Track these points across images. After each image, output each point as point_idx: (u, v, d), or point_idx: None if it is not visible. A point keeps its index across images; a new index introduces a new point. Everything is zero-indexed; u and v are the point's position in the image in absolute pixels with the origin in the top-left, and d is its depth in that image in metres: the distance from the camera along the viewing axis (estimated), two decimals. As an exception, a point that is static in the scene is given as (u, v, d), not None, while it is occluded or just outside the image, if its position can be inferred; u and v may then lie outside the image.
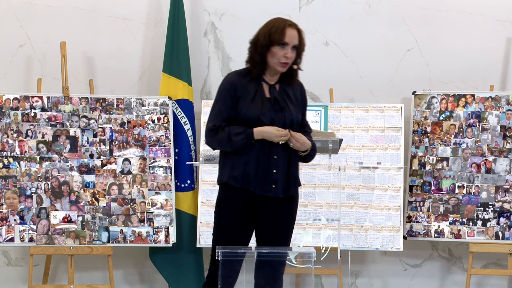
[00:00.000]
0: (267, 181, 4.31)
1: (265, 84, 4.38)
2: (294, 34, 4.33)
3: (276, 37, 4.28)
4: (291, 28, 4.32)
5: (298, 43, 4.34)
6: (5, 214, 5.67)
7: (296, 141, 4.29)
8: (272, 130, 4.25)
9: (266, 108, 4.31)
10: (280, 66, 4.32)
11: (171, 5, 5.96)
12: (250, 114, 4.28)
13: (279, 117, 4.32)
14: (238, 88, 4.32)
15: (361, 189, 5.91)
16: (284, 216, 4.40)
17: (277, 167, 4.32)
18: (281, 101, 4.36)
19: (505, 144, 5.91)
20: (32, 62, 6.12)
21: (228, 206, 4.35)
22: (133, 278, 6.24)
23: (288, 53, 4.31)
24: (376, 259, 6.29)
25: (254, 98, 4.32)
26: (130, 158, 5.80)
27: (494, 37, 6.23)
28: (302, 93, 4.49)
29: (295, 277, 6.10)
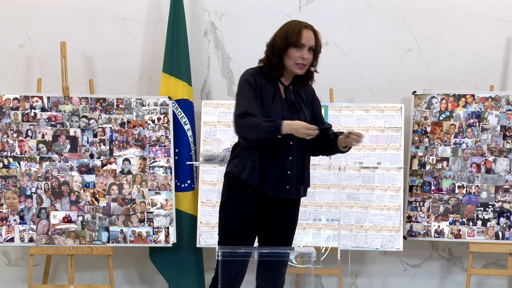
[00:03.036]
0: (281, 183, 4.32)
1: (281, 85, 4.39)
2: (310, 36, 4.33)
3: (293, 38, 4.29)
4: (308, 30, 4.33)
5: (315, 44, 4.35)
6: (5, 214, 5.67)
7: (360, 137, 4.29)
8: (302, 123, 4.22)
9: (285, 110, 4.34)
10: (298, 68, 4.33)
11: (171, 5, 5.96)
12: (272, 115, 4.28)
13: (295, 119, 4.32)
14: (259, 86, 4.32)
15: (361, 189, 5.91)
16: (291, 217, 4.44)
17: (292, 168, 4.33)
18: (296, 102, 4.38)
19: (505, 144, 5.91)
20: (32, 62, 6.12)
21: (239, 204, 4.34)
22: (133, 278, 6.24)
23: (305, 55, 4.31)
24: (376, 259, 6.29)
25: (274, 99, 4.33)
26: (130, 158, 5.80)
27: (494, 37, 6.23)
28: (313, 93, 4.52)
29: (295, 277, 6.10)
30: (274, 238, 4.41)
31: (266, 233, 4.42)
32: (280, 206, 4.38)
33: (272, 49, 4.33)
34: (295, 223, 4.47)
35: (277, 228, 4.40)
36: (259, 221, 4.37)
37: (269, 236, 4.42)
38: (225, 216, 4.38)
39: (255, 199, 4.32)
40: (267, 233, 4.41)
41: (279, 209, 4.38)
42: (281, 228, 4.41)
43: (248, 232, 4.36)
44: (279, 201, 4.36)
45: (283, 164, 4.31)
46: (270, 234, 4.41)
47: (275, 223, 4.40)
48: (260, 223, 4.38)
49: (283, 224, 4.41)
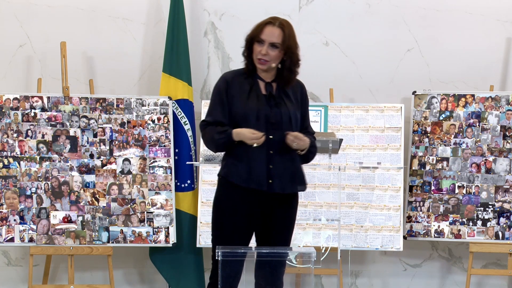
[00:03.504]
0: (263, 177, 4.31)
1: (261, 81, 4.38)
2: (273, 32, 4.31)
3: (254, 33, 4.33)
4: (272, 26, 4.32)
5: (281, 42, 4.31)
6: (5, 214, 5.67)
7: (300, 139, 4.29)
8: (246, 132, 4.26)
9: (261, 104, 4.32)
10: (258, 63, 4.34)
11: (171, 5, 5.96)
12: (246, 110, 4.30)
13: (275, 112, 4.32)
14: (232, 86, 4.35)
15: (361, 189, 5.91)
16: (287, 216, 4.41)
17: (274, 163, 4.31)
18: (277, 97, 4.35)
19: (505, 144, 5.91)
20: (32, 62, 6.12)
21: (229, 205, 4.35)
22: (133, 278, 6.24)
23: (264, 50, 4.30)
24: (376, 259, 6.29)
25: (250, 95, 4.34)
26: (130, 158, 5.80)
27: (494, 37, 6.23)
28: (303, 93, 4.49)
29: (295, 277, 6.10)
30: (271, 237, 4.40)
31: (263, 233, 4.41)
32: (275, 204, 4.36)
33: (246, 41, 4.38)
34: (292, 222, 4.45)
35: (273, 227, 4.39)
36: (253, 220, 4.36)
37: (265, 235, 4.41)
38: (216, 217, 4.40)
39: (245, 198, 4.32)
40: (264, 232, 4.41)
41: (275, 207, 4.37)
42: (277, 227, 4.39)
43: (240, 232, 4.35)
44: (274, 199, 4.35)
45: (263, 159, 4.30)
46: (267, 233, 4.41)
47: (271, 222, 4.38)
48: (254, 223, 4.37)
49: (280, 222, 4.39)
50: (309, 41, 6.25)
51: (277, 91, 4.38)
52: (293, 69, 4.38)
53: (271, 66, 4.34)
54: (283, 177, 4.34)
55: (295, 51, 4.37)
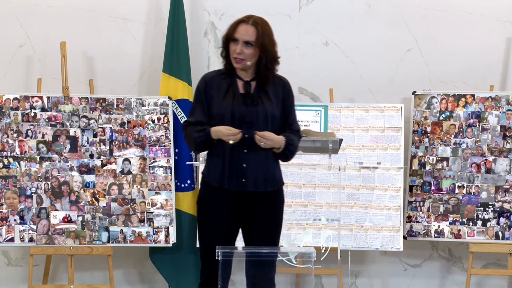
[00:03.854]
0: (237, 176, 4.32)
1: (239, 80, 4.39)
2: (246, 30, 4.32)
3: (229, 32, 4.35)
4: (245, 24, 4.33)
5: (255, 39, 4.31)
6: (5, 214, 5.67)
7: (266, 139, 4.28)
8: (222, 129, 4.28)
9: (237, 103, 4.33)
10: (234, 62, 4.35)
11: (171, 5, 5.96)
12: (221, 110, 4.32)
13: (250, 111, 4.32)
14: (210, 86, 4.37)
15: (361, 189, 5.91)
16: (264, 213, 4.38)
17: (248, 161, 4.32)
18: (255, 96, 4.35)
19: (505, 144, 5.91)
20: (32, 62, 6.12)
21: (207, 205, 4.38)
22: (133, 278, 6.24)
23: (238, 49, 4.30)
24: (376, 259, 6.29)
25: (227, 94, 4.35)
26: (130, 158, 5.80)
27: (494, 37, 6.23)
28: (285, 90, 4.44)
29: (295, 277, 6.11)
30: (255, 237, 4.39)
31: (247, 232, 4.41)
32: (255, 203, 4.36)
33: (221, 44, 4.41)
34: (276, 220, 4.43)
35: (255, 226, 4.38)
36: (234, 219, 4.36)
37: (249, 234, 4.41)
38: (199, 217, 4.43)
39: (223, 198, 4.34)
40: (248, 231, 4.41)
41: (255, 206, 4.36)
42: (260, 226, 4.38)
43: (222, 231, 4.35)
44: (253, 198, 4.34)
45: (238, 158, 4.31)
46: (251, 233, 4.40)
47: (253, 221, 4.38)
48: (236, 222, 4.38)
49: (262, 221, 4.38)
50: (309, 41, 6.25)
51: (256, 90, 4.38)
52: (269, 66, 4.36)
53: (247, 65, 4.34)
54: (257, 175, 4.33)
55: (271, 49, 4.35)
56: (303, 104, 6.01)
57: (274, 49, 4.37)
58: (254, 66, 4.36)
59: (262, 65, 4.34)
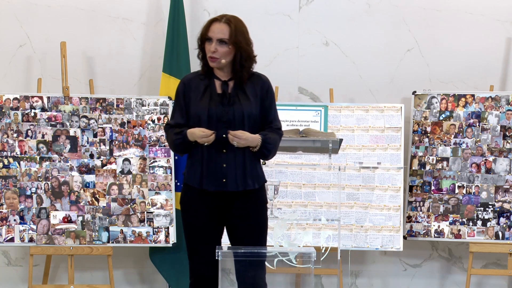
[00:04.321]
0: (217, 177, 4.32)
1: (217, 80, 4.38)
2: (220, 28, 4.32)
3: (202, 32, 4.35)
4: (218, 22, 4.33)
5: (228, 37, 4.30)
6: (5, 214, 5.67)
7: (239, 138, 4.28)
8: (196, 131, 4.29)
9: (214, 104, 4.32)
10: (209, 61, 4.34)
11: (171, 5, 5.96)
12: (198, 111, 4.32)
13: (227, 111, 4.31)
14: (189, 88, 4.38)
15: (361, 189, 5.91)
16: (246, 212, 4.37)
17: (227, 161, 4.31)
18: (233, 96, 4.35)
19: (505, 144, 5.91)
20: (32, 62, 6.12)
21: (188, 206, 4.40)
22: (133, 278, 6.24)
23: (212, 47, 4.30)
24: (376, 259, 6.29)
25: (204, 94, 4.35)
26: (130, 158, 5.80)
27: (494, 37, 6.23)
28: (263, 88, 4.41)
29: (295, 277, 6.11)
30: (239, 237, 4.38)
31: (231, 232, 4.41)
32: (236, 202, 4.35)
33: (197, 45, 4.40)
34: (260, 220, 4.41)
35: (239, 226, 4.37)
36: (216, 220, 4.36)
37: (234, 235, 4.40)
38: (183, 218, 4.45)
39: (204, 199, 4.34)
40: (232, 232, 4.40)
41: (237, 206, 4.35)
42: (244, 226, 4.37)
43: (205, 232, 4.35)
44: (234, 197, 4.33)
45: (217, 158, 4.31)
46: (235, 233, 4.39)
47: (236, 221, 4.37)
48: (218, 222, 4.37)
49: (246, 221, 4.37)
50: (309, 41, 6.25)
51: (233, 89, 4.37)
52: (244, 64, 4.34)
53: (222, 63, 4.32)
54: (237, 174, 4.33)
55: (245, 46, 4.33)
56: (303, 104, 6.02)
57: (249, 47, 4.36)
58: (231, 65, 4.35)
59: (237, 63, 4.33)
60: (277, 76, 6.16)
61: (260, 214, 4.42)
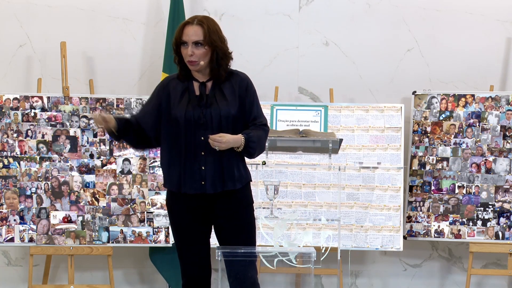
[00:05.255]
0: (196, 179, 4.28)
1: (195, 82, 4.35)
2: (193, 31, 4.26)
3: (176, 37, 4.30)
4: (190, 25, 4.28)
5: (203, 38, 4.26)
6: (5, 214, 5.67)
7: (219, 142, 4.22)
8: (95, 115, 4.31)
9: (191, 107, 4.29)
10: (189, 65, 4.31)
11: (171, 5, 5.96)
12: (176, 113, 4.28)
13: (204, 113, 4.28)
14: (166, 90, 4.34)
15: (361, 189, 5.91)
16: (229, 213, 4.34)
17: (205, 163, 4.28)
18: (211, 97, 4.31)
19: (505, 144, 5.91)
20: (32, 62, 6.12)
21: (173, 209, 4.37)
22: (133, 278, 6.24)
23: (189, 51, 4.27)
24: (376, 259, 6.29)
25: (182, 97, 4.32)
26: (130, 158, 5.80)
27: (494, 37, 6.23)
28: (242, 86, 4.36)
29: (295, 277, 6.11)
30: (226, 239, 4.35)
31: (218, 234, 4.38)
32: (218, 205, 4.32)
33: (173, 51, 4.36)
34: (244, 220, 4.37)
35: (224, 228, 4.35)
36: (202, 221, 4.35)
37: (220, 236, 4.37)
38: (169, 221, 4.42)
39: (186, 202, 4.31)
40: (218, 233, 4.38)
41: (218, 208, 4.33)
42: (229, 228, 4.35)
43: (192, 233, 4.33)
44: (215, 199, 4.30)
45: (194, 161, 4.27)
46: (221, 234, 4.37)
47: (220, 222, 4.35)
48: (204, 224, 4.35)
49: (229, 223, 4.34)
50: (309, 41, 6.25)
51: (211, 90, 4.34)
52: (221, 63, 4.31)
53: (201, 65, 4.28)
54: (215, 176, 4.29)
55: (220, 45, 4.30)
56: (303, 104, 6.02)
57: (223, 45, 4.32)
58: (209, 66, 4.32)
59: (213, 62, 4.30)
60: (277, 76, 6.17)
61: (244, 214, 4.37)
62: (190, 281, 4.36)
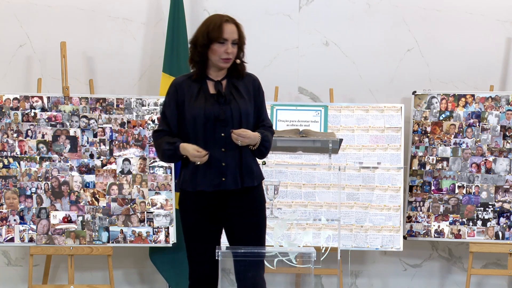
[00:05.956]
0: (216, 176, 4.30)
1: (210, 81, 4.38)
2: (232, 29, 4.34)
3: (215, 34, 4.31)
4: (229, 23, 4.34)
5: (238, 37, 4.34)
6: (5, 214, 5.67)
7: (243, 137, 4.27)
8: (190, 149, 4.26)
9: (210, 104, 4.32)
10: (223, 63, 4.33)
11: (171, 5, 5.96)
12: (194, 112, 4.30)
13: (224, 110, 4.31)
14: (181, 90, 4.35)
15: (361, 189, 5.91)
16: (245, 210, 4.36)
17: (226, 160, 4.30)
18: (228, 94, 4.35)
19: (505, 144, 5.91)
20: (32, 62, 6.12)
21: (186, 210, 4.38)
22: (133, 278, 6.24)
23: (229, 49, 4.31)
24: (376, 259, 6.29)
25: (198, 96, 4.33)
26: (130, 158, 5.80)
27: (494, 37, 6.23)
28: (255, 86, 4.44)
29: (295, 277, 6.11)
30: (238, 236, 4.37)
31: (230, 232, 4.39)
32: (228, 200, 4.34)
33: (195, 46, 4.36)
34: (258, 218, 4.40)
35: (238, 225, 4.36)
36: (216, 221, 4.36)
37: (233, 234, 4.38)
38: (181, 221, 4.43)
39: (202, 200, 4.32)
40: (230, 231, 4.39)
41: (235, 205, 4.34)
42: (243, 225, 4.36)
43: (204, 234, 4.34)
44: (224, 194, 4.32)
45: (216, 157, 4.30)
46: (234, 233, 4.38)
47: (235, 220, 4.36)
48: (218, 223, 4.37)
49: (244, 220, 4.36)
50: (309, 41, 6.25)
51: (227, 88, 4.37)
52: (244, 61, 4.40)
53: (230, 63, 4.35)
54: (235, 173, 4.32)
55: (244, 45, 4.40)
56: (303, 104, 6.02)
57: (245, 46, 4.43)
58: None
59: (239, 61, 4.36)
60: (277, 76, 6.17)
61: (259, 212, 4.41)
62: (198, 282, 4.36)
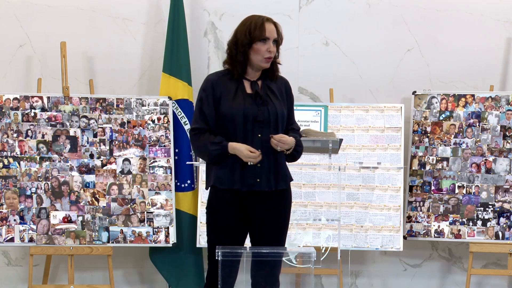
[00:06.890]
0: (251, 176, 4.31)
1: (246, 81, 4.39)
2: (273, 28, 4.37)
3: (257, 33, 4.33)
4: (269, 23, 4.38)
5: (277, 37, 4.38)
6: (5, 214, 5.67)
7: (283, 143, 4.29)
8: (243, 150, 4.26)
9: (248, 103, 4.32)
10: (265, 62, 4.35)
11: (171, 5, 5.96)
12: (233, 111, 4.30)
13: (262, 111, 4.32)
14: (218, 87, 4.36)
15: (361, 189, 5.91)
16: (275, 212, 4.38)
17: (262, 161, 4.31)
18: (264, 95, 4.36)
19: (505, 144, 5.91)
20: (32, 62, 6.12)
21: (217, 208, 4.36)
22: (133, 278, 6.24)
23: (271, 47, 4.33)
24: (376, 259, 6.29)
25: (236, 95, 4.34)
26: (130, 158, 5.80)
27: (494, 37, 6.23)
28: (287, 89, 4.48)
29: (295, 277, 6.11)
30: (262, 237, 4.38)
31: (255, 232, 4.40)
32: (260, 201, 4.35)
33: (236, 46, 4.36)
34: (284, 220, 4.42)
35: (264, 226, 4.37)
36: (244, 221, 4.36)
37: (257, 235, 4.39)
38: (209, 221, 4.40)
39: (235, 200, 4.32)
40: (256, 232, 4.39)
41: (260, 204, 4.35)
42: (269, 226, 4.37)
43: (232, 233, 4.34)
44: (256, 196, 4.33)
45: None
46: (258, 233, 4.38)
47: (263, 221, 4.37)
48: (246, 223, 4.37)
49: (267, 220, 4.37)
50: (309, 41, 6.25)
51: (263, 89, 4.38)
52: (279, 62, 4.44)
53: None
54: (270, 175, 4.34)
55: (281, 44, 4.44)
56: (303, 104, 6.02)
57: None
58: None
59: (276, 61, 4.40)
60: (277, 76, 6.16)
61: (285, 214, 4.44)
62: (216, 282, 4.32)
